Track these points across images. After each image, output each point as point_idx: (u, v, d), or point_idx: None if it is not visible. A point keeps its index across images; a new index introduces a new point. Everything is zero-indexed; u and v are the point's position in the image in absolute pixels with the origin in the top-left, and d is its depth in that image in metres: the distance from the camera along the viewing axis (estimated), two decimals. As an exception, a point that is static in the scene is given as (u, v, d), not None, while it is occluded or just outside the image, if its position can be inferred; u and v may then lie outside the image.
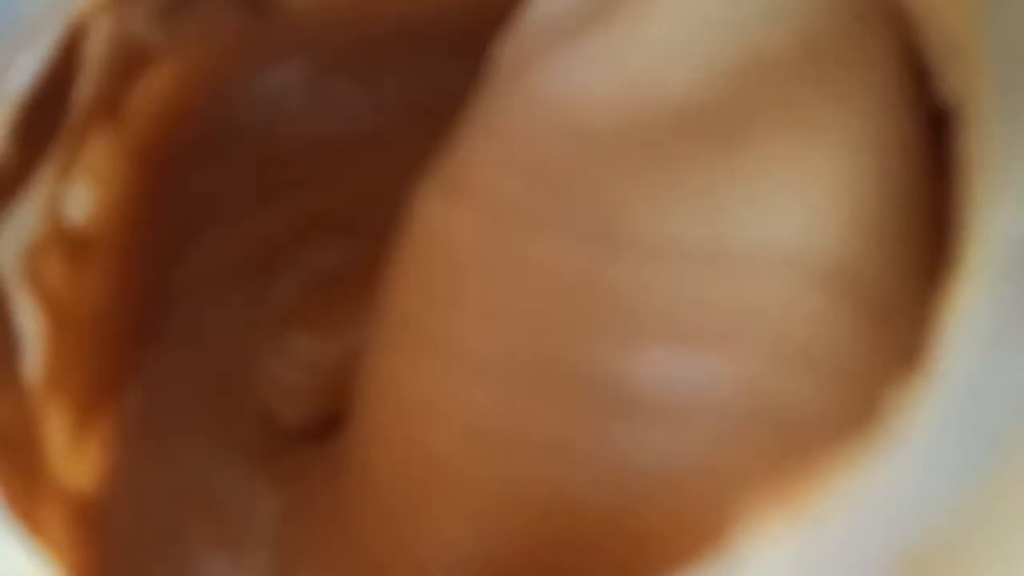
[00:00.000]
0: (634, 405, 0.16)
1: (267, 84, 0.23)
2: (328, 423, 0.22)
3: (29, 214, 0.20)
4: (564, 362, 0.16)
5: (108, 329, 0.21)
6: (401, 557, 0.18)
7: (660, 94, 0.16)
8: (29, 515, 0.18)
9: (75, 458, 0.20)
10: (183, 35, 0.21)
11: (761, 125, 0.16)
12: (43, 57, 0.18)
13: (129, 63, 0.21)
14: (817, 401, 0.16)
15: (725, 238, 0.16)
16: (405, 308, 0.18)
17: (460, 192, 0.18)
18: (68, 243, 0.20)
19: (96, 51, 0.20)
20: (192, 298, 0.23)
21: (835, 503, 0.13)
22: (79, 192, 0.21)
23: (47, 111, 0.19)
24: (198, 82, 0.22)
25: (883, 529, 0.13)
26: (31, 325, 0.20)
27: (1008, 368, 0.13)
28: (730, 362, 0.16)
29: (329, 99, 0.23)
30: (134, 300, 0.22)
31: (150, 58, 0.21)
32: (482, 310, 0.17)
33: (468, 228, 0.17)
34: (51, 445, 0.20)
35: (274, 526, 0.21)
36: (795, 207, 0.16)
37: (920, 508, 0.13)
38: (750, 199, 0.16)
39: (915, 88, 0.17)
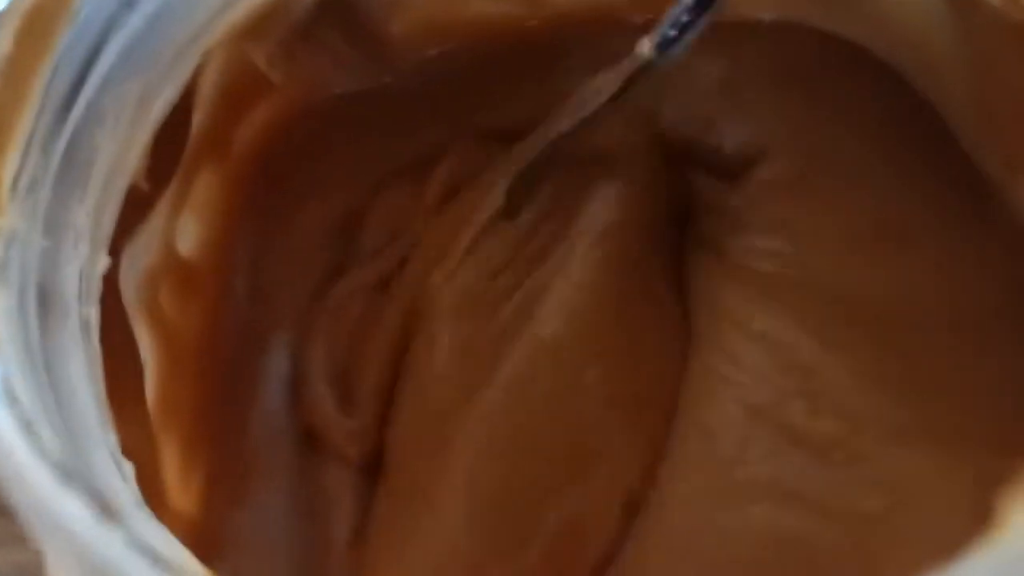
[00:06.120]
0: None
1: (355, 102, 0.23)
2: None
3: (147, 242, 0.20)
4: None
5: (207, 365, 0.21)
6: None
7: None
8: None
9: (185, 487, 0.20)
10: (296, 68, 0.22)
11: None
12: (180, 87, 0.18)
13: (242, 96, 0.21)
14: None
15: None
16: None
17: None
18: (177, 273, 0.20)
19: (210, 84, 0.20)
20: (276, 343, 0.23)
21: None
22: (188, 223, 0.21)
23: (172, 140, 0.19)
24: (296, 110, 0.22)
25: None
26: (147, 352, 0.20)
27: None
28: None
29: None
30: (229, 337, 0.22)
31: (260, 91, 0.21)
32: None
33: None
34: (167, 473, 0.20)
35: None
36: None
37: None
38: None
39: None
